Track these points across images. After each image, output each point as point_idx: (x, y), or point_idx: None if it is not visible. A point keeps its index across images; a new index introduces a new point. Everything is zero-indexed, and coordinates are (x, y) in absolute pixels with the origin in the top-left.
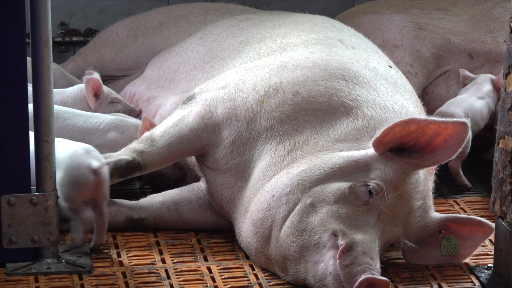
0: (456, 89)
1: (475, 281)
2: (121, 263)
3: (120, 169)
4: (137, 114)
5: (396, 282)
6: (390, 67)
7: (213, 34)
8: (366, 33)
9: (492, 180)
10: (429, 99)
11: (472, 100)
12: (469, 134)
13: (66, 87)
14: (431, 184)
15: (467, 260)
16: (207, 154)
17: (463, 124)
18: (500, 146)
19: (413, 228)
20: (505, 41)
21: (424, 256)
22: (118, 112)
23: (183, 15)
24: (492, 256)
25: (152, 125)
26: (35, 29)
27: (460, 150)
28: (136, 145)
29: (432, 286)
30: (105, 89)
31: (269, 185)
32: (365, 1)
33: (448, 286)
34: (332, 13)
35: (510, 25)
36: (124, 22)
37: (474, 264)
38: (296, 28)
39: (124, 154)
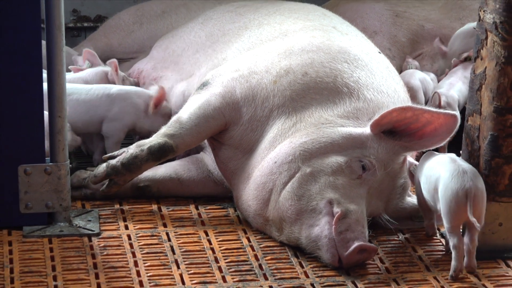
0: (428, 69)
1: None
2: (126, 227)
3: (154, 153)
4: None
5: (375, 245)
6: (379, 52)
7: (213, 19)
8: (349, 20)
9: (461, 153)
10: (402, 78)
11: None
12: None
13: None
14: None
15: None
16: (226, 131)
17: (454, 116)
18: (469, 123)
19: (393, 204)
20: (475, 28)
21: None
22: None
23: (184, 3)
24: None
25: (165, 94)
26: (49, 15)
27: (448, 139)
28: (166, 129)
29: (407, 249)
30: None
31: (273, 153)
32: None
33: (421, 248)
34: (319, 1)
35: (479, 14)
36: (130, 10)
37: (445, 231)
38: (292, 16)
39: (156, 139)
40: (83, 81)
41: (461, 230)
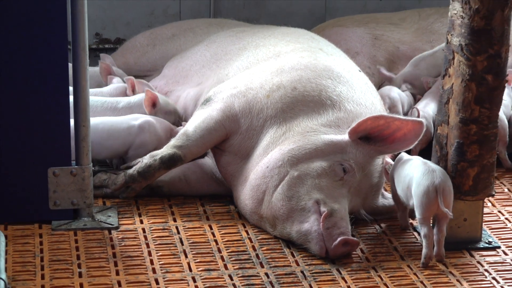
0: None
1: (418, 236)
2: (141, 221)
3: (165, 162)
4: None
5: (357, 239)
6: (359, 71)
7: (216, 42)
8: (334, 42)
9: (431, 158)
10: (381, 94)
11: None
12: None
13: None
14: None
15: (411, 221)
16: (226, 139)
17: (420, 122)
18: (438, 131)
19: (369, 200)
20: (443, 50)
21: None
22: None
23: (191, 28)
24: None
25: (153, 94)
26: (75, 38)
27: (416, 142)
28: (174, 141)
29: (384, 241)
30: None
31: (266, 159)
32: (333, 17)
33: (397, 240)
34: (309, 26)
35: (447, 37)
36: (145, 33)
37: (417, 224)
38: (284, 39)
39: (166, 150)
40: (105, 95)
41: (431, 224)
